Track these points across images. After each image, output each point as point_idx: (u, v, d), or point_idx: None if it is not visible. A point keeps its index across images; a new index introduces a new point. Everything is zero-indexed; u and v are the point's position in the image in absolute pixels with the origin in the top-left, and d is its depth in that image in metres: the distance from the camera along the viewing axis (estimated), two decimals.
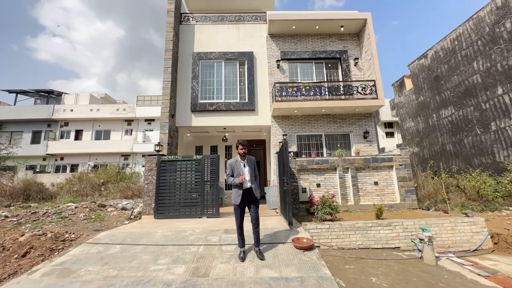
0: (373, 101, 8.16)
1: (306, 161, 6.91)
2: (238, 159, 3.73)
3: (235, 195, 3.64)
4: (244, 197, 3.61)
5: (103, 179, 14.41)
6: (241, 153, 3.68)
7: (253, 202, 3.65)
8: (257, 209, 3.66)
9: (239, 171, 3.63)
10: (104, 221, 6.24)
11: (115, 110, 22.33)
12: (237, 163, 3.69)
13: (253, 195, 3.64)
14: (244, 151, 3.67)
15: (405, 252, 4.41)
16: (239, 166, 3.67)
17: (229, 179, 3.67)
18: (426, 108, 16.28)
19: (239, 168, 3.66)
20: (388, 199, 6.73)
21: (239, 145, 3.66)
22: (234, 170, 3.67)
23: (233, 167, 3.69)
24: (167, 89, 8.26)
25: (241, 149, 3.66)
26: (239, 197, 3.58)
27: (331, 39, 9.59)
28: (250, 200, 3.65)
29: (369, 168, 6.97)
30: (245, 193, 3.61)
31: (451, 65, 14.23)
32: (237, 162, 3.70)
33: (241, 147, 3.66)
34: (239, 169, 3.65)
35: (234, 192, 3.65)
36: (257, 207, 3.67)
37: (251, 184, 3.63)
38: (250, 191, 3.64)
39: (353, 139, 8.75)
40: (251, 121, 8.85)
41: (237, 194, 3.61)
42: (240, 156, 3.73)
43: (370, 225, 4.63)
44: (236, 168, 3.67)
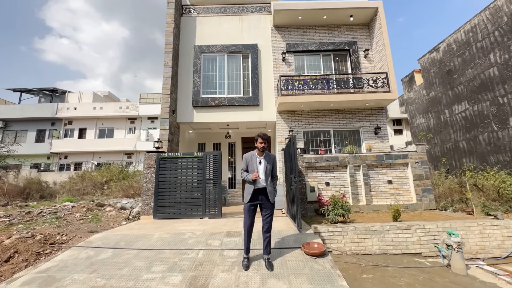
0: (385, 95, 7.65)
1: (314, 158, 6.46)
2: (254, 154, 3.34)
3: (246, 192, 3.27)
4: (256, 197, 3.22)
5: (106, 177, 14.20)
6: (260, 147, 3.26)
7: (265, 204, 3.25)
8: (270, 214, 3.25)
9: (254, 167, 3.25)
10: (101, 221, 5.93)
11: (118, 108, 22.17)
12: (253, 158, 3.31)
13: (267, 198, 3.24)
14: (264, 146, 3.26)
15: (427, 259, 3.95)
16: (255, 162, 3.28)
17: (242, 174, 3.33)
18: (437, 104, 15.61)
19: (254, 163, 3.27)
20: (403, 199, 6.24)
21: (259, 138, 3.26)
22: (249, 165, 3.30)
23: (248, 161, 3.32)
24: (167, 84, 7.90)
25: (261, 143, 3.24)
26: (249, 195, 3.20)
27: (339, 29, 9.08)
28: (262, 202, 3.25)
29: (382, 165, 6.49)
30: (256, 193, 3.21)
31: (465, 58, 13.54)
32: (253, 157, 3.32)
33: (260, 140, 3.24)
34: (253, 165, 3.26)
35: (246, 190, 3.29)
36: (270, 212, 3.26)
37: (264, 184, 3.23)
38: (263, 193, 3.24)
39: (364, 135, 8.26)
40: (255, 117, 8.43)
41: (248, 192, 3.23)
42: (257, 151, 3.32)
43: (387, 228, 4.18)
44: (251, 163, 3.29)
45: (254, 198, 3.20)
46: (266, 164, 3.28)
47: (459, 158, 13.75)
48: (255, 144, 3.31)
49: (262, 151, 3.30)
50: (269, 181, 3.28)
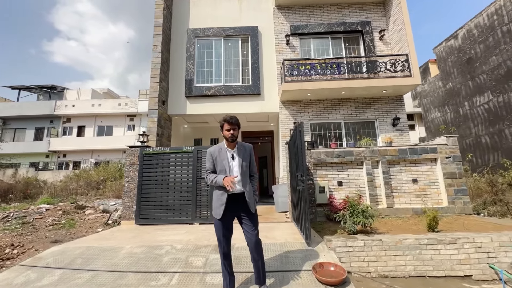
0: (406, 80, 6.58)
1: (324, 153, 5.47)
2: (223, 147, 2.33)
3: (216, 203, 2.26)
4: (231, 208, 2.23)
5: (103, 176, 13.46)
6: (229, 136, 2.24)
7: (246, 217, 2.27)
8: (255, 228, 2.25)
9: (224, 166, 2.26)
10: (74, 227, 5.07)
11: (117, 105, 21.49)
12: (222, 153, 2.29)
13: (246, 206, 2.27)
14: (233, 134, 2.24)
15: (482, 285, 2.95)
16: (224, 158, 2.28)
17: (208, 178, 2.29)
18: (455, 96, 14.34)
19: (223, 160, 2.27)
20: (431, 202, 5.21)
21: (225, 123, 2.25)
22: (217, 163, 2.28)
23: (216, 158, 2.29)
24: (156, 70, 7.00)
25: (228, 129, 2.24)
26: (221, 207, 2.20)
27: (350, 9, 8.02)
28: (241, 212, 2.27)
29: (406, 161, 5.46)
30: (231, 201, 2.22)
31: (488, 44, 12.26)
32: (222, 151, 2.30)
33: (227, 126, 2.24)
34: (223, 163, 2.26)
35: (215, 199, 2.28)
36: (254, 225, 2.26)
37: (241, 188, 2.25)
38: (240, 199, 2.26)
39: (380, 127, 7.22)
40: (256, 108, 7.47)
41: (219, 203, 2.23)
42: (226, 142, 2.32)
43: (425, 242, 3.18)
44: (220, 160, 2.27)
45: (228, 209, 2.22)
46: (241, 160, 2.29)
47: (481, 155, 12.51)
48: (222, 132, 2.31)
49: (233, 142, 2.28)
50: (248, 183, 2.31)
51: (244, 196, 2.24)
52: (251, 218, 2.28)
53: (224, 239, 2.22)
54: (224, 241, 2.22)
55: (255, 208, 2.32)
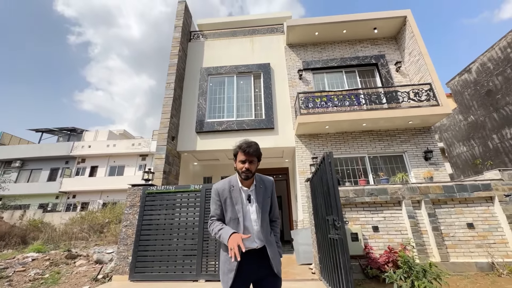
0: (434, 109, 6.04)
1: (353, 191, 4.67)
2: (236, 184, 1.62)
3: (223, 267, 1.51)
4: (245, 271, 1.48)
5: (108, 218, 12.78)
6: (243, 171, 1.55)
7: (267, 280, 1.53)
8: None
9: (236, 214, 1.55)
10: (57, 284, 4.24)
11: (130, 145, 21.86)
12: (234, 193, 1.59)
13: (269, 267, 1.53)
14: (248, 168, 1.54)
15: None
16: (238, 201, 1.57)
17: (212, 227, 1.58)
18: (480, 129, 13.46)
19: (237, 204, 1.57)
20: (498, 253, 4.08)
21: (240, 151, 1.57)
22: (227, 208, 1.58)
23: (224, 200, 1.59)
24: (167, 107, 6.89)
25: (243, 160, 1.55)
26: (230, 273, 1.44)
27: (362, 44, 8.05)
28: (261, 275, 1.51)
29: (454, 201, 4.52)
30: (247, 262, 1.48)
31: (507, 76, 11.88)
32: (234, 190, 1.60)
33: (242, 156, 1.56)
34: (235, 208, 1.56)
35: (223, 260, 1.53)
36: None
37: (260, 242, 1.54)
38: (260, 257, 1.53)
39: (410, 161, 6.42)
40: (269, 142, 6.98)
41: (226, 266, 1.48)
42: (240, 177, 1.62)
43: None
44: (231, 204, 1.57)
45: (242, 275, 1.46)
46: (261, 203, 1.60)
47: None
48: (234, 164, 1.63)
49: (248, 178, 1.58)
50: (269, 234, 1.60)
51: (264, 252, 1.52)
52: (275, 285, 1.53)
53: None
54: None
55: (280, 269, 1.56)
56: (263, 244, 1.52)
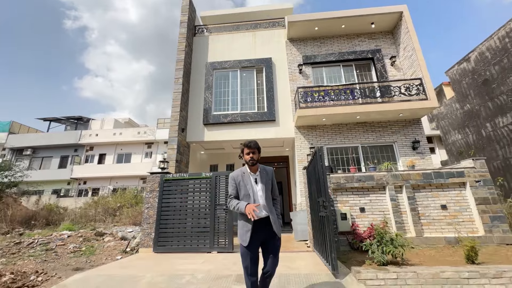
0: (423, 103, 6.57)
1: (344, 178, 5.36)
2: (246, 171, 2.32)
3: (241, 229, 2.22)
4: (257, 234, 2.18)
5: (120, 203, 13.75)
6: (248, 159, 2.25)
7: (270, 242, 2.22)
8: (277, 255, 2.21)
9: (248, 191, 2.24)
10: (94, 255, 5.09)
11: (136, 133, 22.58)
12: (245, 177, 2.29)
13: (271, 230, 2.21)
14: (253, 157, 2.25)
15: None
16: (248, 182, 2.26)
17: (231, 204, 2.25)
18: (475, 117, 13.92)
19: (247, 185, 2.26)
20: (465, 230, 4.82)
21: (245, 147, 2.27)
22: (240, 188, 2.27)
23: (239, 183, 2.28)
24: (177, 101, 7.47)
25: (248, 153, 2.25)
26: (247, 233, 2.15)
27: (360, 38, 8.42)
28: (266, 238, 2.22)
29: (431, 186, 5.21)
30: (257, 227, 2.17)
31: (504, 66, 12.16)
32: (245, 175, 2.30)
33: (247, 150, 2.25)
34: (247, 187, 2.25)
35: (241, 226, 2.24)
36: (277, 251, 2.22)
37: (266, 213, 2.21)
38: (266, 224, 2.21)
39: (399, 150, 7.05)
40: (271, 134, 7.61)
41: (244, 229, 2.19)
42: (248, 166, 2.31)
43: (466, 275, 2.91)
44: (244, 185, 2.26)
45: (255, 235, 2.17)
46: (265, 184, 2.28)
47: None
48: (242, 156, 2.32)
49: (253, 165, 2.29)
50: (272, 208, 2.28)
51: (269, 221, 2.21)
52: (275, 243, 2.23)
53: (252, 268, 2.15)
54: (251, 269, 2.15)
55: (280, 231, 2.26)
56: (267, 215, 2.21)
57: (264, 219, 2.21)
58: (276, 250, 2.20)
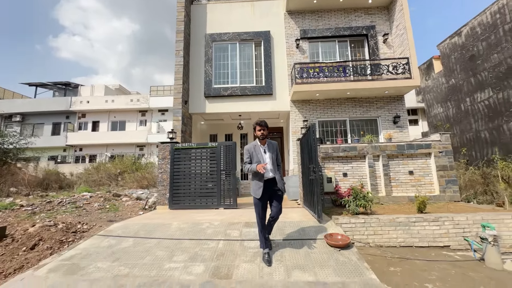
0: (407, 81, 7.26)
1: (332, 148, 6.26)
2: (257, 144, 3.14)
3: (255, 187, 3.07)
4: (266, 190, 3.04)
5: (120, 169, 14.49)
6: (260, 135, 3.05)
7: (276, 195, 3.09)
8: (280, 204, 3.11)
9: (259, 158, 3.05)
10: (119, 211, 6.01)
11: (129, 101, 22.40)
12: (256, 148, 3.11)
13: (276, 187, 3.07)
14: (263, 133, 3.05)
15: (457, 252, 3.76)
16: (259, 152, 3.08)
17: (245, 167, 3.10)
18: (458, 92, 14.81)
19: (258, 154, 3.07)
20: (425, 190, 5.98)
21: (257, 126, 3.06)
22: (253, 156, 3.09)
23: (252, 153, 3.10)
24: (179, 74, 7.79)
25: (259, 130, 3.04)
26: (260, 189, 3.01)
27: (356, 13, 8.61)
28: (272, 193, 3.09)
29: (403, 155, 6.21)
30: (266, 185, 3.04)
31: (490, 42, 12.66)
32: (256, 147, 3.12)
33: (258, 128, 3.04)
34: (258, 156, 3.06)
35: (254, 184, 3.09)
36: (280, 201, 3.12)
37: (273, 174, 3.06)
38: (273, 183, 3.07)
39: (382, 124, 7.94)
40: (268, 107, 8.23)
41: (257, 186, 3.04)
42: (259, 140, 3.13)
43: (414, 220, 4.00)
44: (255, 154, 3.08)
45: (265, 191, 3.03)
46: (271, 153, 3.10)
47: (480, 149, 13.10)
48: (254, 133, 3.12)
49: (264, 139, 3.11)
50: (276, 171, 3.12)
51: (275, 181, 3.06)
52: (279, 197, 3.12)
53: (262, 213, 3.06)
54: (262, 214, 3.06)
55: (283, 188, 3.13)
56: (273, 176, 3.04)
57: (271, 179, 3.05)
58: (279, 199, 3.10)
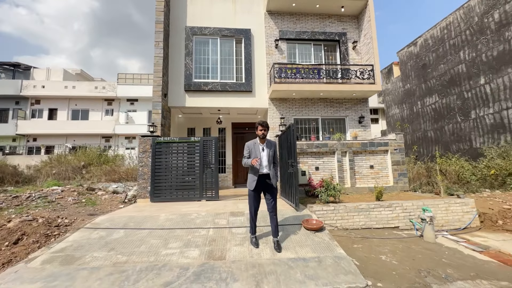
0: (371, 86, 8.20)
1: (306, 145, 6.90)
2: (257, 142, 3.53)
3: (250, 179, 3.47)
4: (260, 183, 3.45)
5: (84, 161, 13.59)
6: (260, 134, 3.44)
7: (269, 189, 3.49)
8: (274, 198, 3.49)
9: (256, 154, 3.45)
10: (97, 205, 5.91)
11: (93, 88, 20.71)
12: (256, 146, 3.50)
13: (269, 182, 3.47)
14: (264, 133, 3.44)
15: (404, 231, 4.65)
16: (257, 149, 3.48)
17: (244, 161, 3.50)
18: (411, 96, 16.82)
19: (256, 150, 3.47)
20: (382, 182, 7.00)
21: (259, 125, 3.44)
22: (252, 152, 3.48)
23: (251, 149, 3.49)
24: (159, 66, 7.67)
25: (260, 130, 3.43)
26: (254, 182, 3.42)
27: (330, 20, 9.31)
28: (266, 187, 3.49)
29: (366, 152, 7.14)
30: (260, 179, 3.45)
31: (439, 54, 14.59)
32: (256, 144, 3.52)
33: (260, 127, 3.43)
34: (256, 152, 3.46)
35: (250, 177, 3.49)
36: (274, 195, 3.50)
37: (267, 170, 3.49)
38: (266, 177, 3.48)
39: (349, 123, 8.86)
40: (248, 103, 8.58)
41: (252, 179, 3.44)
42: (259, 139, 3.51)
43: (372, 206, 4.79)
44: (254, 150, 3.47)
45: (259, 184, 3.43)
46: (269, 151, 3.50)
47: (427, 146, 15.21)
48: (256, 131, 3.49)
49: (263, 138, 3.49)
50: (272, 167, 3.52)
51: (269, 176, 3.48)
52: (272, 192, 3.51)
53: (255, 204, 3.48)
54: (254, 204, 3.48)
55: (275, 184, 3.53)
56: (268, 172, 3.46)
57: (266, 174, 3.48)
58: (273, 195, 3.50)
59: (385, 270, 3.09)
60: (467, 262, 3.37)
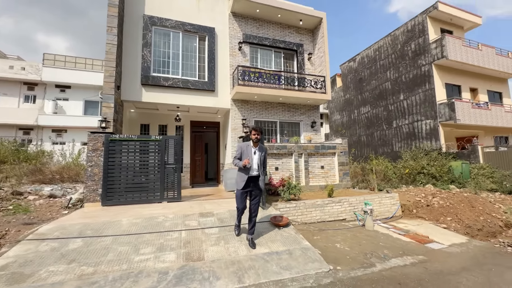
0: (323, 95, 9.24)
1: (268, 146, 7.33)
2: (250, 145, 3.69)
3: (239, 179, 3.62)
4: (248, 184, 3.60)
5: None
6: (254, 138, 3.63)
7: (256, 191, 3.67)
8: (259, 200, 3.72)
9: (248, 156, 3.59)
10: (31, 212, 4.98)
11: (7, 68, 16.73)
12: (249, 148, 3.66)
13: (257, 185, 3.66)
14: (257, 137, 3.62)
15: (349, 222, 5.53)
16: (250, 152, 3.64)
17: (235, 161, 3.63)
18: (350, 105, 19.39)
19: (249, 153, 3.62)
20: (330, 180, 8.02)
21: (253, 130, 3.64)
22: (243, 154, 3.63)
23: (243, 150, 3.65)
24: (112, 54, 6.89)
25: (254, 134, 3.62)
26: (242, 182, 3.56)
27: (290, 30, 10.03)
28: (253, 188, 3.65)
29: (318, 154, 8.05)
30: (249, 180, 3.59)
31: (372, 71, 17.24)
32: (249, 147, 3.67)
33: (254, 132, 3.62)
34: (248, 154, 3.61)
35: (239, 177, 3.63)
36: (259, 197, 3.72)
37: (257, 173, 3.64)
38: (255, 180, 3.65)
39: (303, 127, 9.76)
40: (210, 102, 8.51)
41: (241, 179, 3.59)
42: (253, 142, 3.68)
43: (326, 202, 5.53)
44: (246, 152, 3.63)
45: (247, 185, 3.60)
46: (260, 154, 3.69)
47: (361, 149, 17.81)
48: (250, 136, 3.72)
49: (257, 142, 3.69)
50: (261, 171, 3.72)
51: (257, 178, 3.66)
52: (258, 192, 3.71)
53: (242, 203, 3.64)
54: (241, 204, 3.63)
55: (263, 187, 3.75)
56: (258, 174, 3.64)
57: (255, 176, 3.65)
58: (258, 196, 3.70)
59: (341, 256, 3.70)
60: (396, 243, 4.31)
